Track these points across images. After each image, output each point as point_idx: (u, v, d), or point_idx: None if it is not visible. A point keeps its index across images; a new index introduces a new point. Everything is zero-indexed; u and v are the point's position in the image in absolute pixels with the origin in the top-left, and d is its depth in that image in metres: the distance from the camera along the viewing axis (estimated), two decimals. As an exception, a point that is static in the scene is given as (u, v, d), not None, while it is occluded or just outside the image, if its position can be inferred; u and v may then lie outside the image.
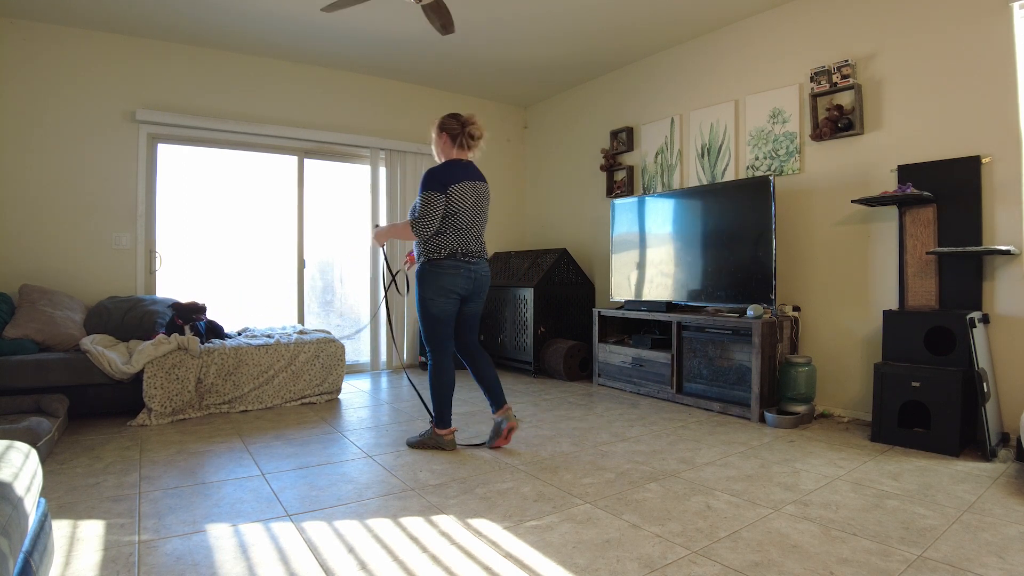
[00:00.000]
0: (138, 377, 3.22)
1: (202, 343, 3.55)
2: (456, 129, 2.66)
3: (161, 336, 3.39)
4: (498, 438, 2.74)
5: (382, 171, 5.06)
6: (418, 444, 2.77)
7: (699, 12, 3.83)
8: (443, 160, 2.70)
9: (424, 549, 1.74)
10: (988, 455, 2.55)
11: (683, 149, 4.32)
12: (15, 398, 2.94)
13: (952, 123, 2.95)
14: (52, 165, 3.85)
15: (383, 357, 5.05)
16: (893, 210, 3.16)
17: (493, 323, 5.15)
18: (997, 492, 2.18)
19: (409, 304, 5.09)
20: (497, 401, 2.75)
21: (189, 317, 3.72)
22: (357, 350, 5.08)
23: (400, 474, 2.41)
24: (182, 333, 3.55)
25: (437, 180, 2.57)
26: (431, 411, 2.76)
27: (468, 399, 3.84)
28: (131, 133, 4.08)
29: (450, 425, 2.76)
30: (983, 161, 2.83)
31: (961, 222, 2.90)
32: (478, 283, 2.71)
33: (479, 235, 2.72)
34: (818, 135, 3.44)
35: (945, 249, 2.82)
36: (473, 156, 2.74)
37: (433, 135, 2.73)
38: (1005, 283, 2.80)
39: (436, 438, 2.73)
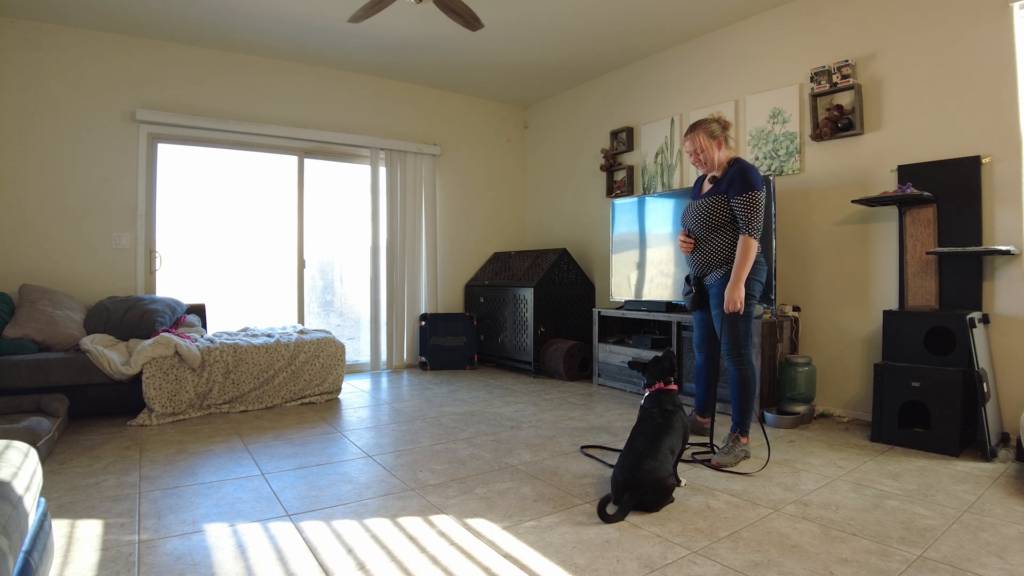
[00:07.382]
0: (138, 377, 3.22)
1: None
2: (719, 133, 2.63)
3: (161, 336, 3.38)
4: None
5: (382, 171, 5.06)
6: (735, 462, 2.48)
7: (699, 13, 3.83)
8: (718, 162, 2.64)
9: (423, 549, 1.74)
10: (988, 455, 2.55)
11: (683, 149, 4.32)
12: (15, 398, 2.94)
13: (952, 123, 2.95)
14: (52, 165, 3.85)
15: (383, 357, 5.05)
16: (893, 210, 3.16)
17: (493, 323, 5.15)
18: (997, 492, 2.18)
19: (409, 301, 5.09)
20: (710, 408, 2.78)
21: None
22: (357, 350, 5.08)
23: (400, 474, 2.41)
24: None
25: (760, 177, 2.54)
26: (737, 421, 2.59)
27: (468, 399, 3.84)
28: (131, 133, 4.08)
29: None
30: (983, 161, 2.83)
31: (961, 222, 2.90)
32: None
33: None
34: (818, 135, 3.44)
35: (945, 249, 2.82)
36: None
37: (703, 144, 2.62)
38: (1005, 283, 2.80)
39: (745, 448, 2.56)
